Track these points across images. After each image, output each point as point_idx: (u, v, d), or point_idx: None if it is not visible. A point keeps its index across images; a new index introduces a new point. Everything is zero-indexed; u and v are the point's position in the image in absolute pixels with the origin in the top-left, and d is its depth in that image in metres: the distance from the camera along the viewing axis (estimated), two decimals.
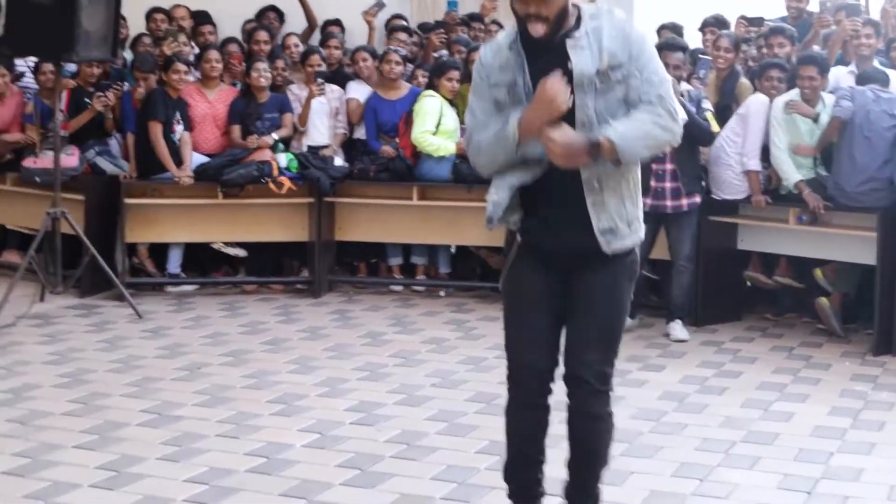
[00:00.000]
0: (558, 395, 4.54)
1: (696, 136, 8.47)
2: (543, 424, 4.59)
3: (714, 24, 10.74)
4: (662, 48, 8.49)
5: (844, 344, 8.79)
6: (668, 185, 8.82)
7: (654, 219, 8.57)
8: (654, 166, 8.65)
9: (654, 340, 8.84)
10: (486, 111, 4.45)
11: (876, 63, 9.53)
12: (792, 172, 8.94)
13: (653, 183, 8.73)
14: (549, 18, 4.24)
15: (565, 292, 4.49)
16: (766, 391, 7.50)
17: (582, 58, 4.26)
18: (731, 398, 7.31)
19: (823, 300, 8.98)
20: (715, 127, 8.79)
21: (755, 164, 9.09)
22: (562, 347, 4.53)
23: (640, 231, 4.51)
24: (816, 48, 9.95)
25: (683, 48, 9.05)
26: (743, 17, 11.10)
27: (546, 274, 4.51)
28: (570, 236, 4.42)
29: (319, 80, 10.32)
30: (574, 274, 4.46)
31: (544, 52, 4.30)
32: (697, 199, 8.94)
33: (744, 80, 9.75)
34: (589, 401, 4.47)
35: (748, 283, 9.72)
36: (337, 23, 11.99)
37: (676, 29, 10.68)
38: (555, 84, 4.19)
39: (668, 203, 8.84)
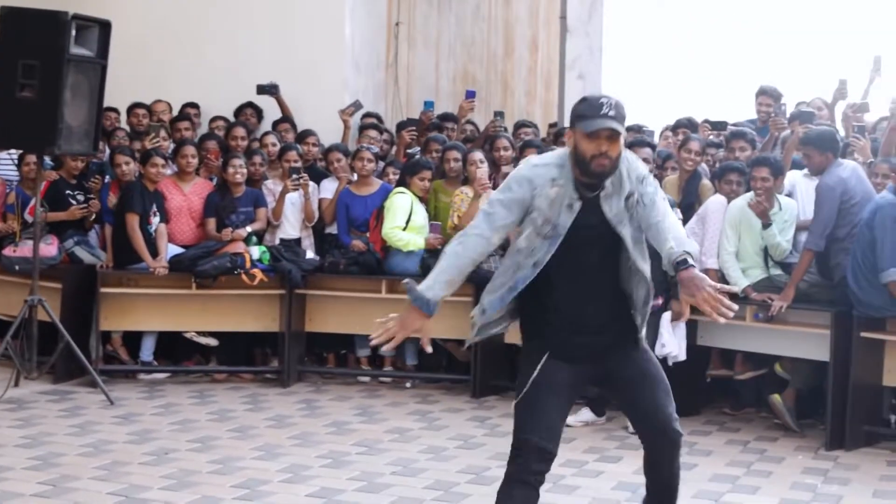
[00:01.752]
0: None
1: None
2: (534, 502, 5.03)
3: (687, 126, 11.10)
4: (632, 145, 8.83)
5: (799, 438, 9.01)
6: None
7: None
8: None
9: (613, 433, 9.04)
10: (497, 229, 5.05)
11: None
12: (739, 278, 9.24)
13: None
14: (613, 158, 4.90)
15: (596, 378, 5.25)
16: (719, 483, 7.70)
17: (611, 205, 4.99)
18: (684, 489, 7.35)
19: (776, 397, 9.20)
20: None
21: (713, 262, 9.37)
22: None
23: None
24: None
25: (651, 146, 9.38)
26: (707, 121, 11.44)
27: (573, 367, 5.10)
28: (605, 331, 5.13)
29: (295, 176, 10.57)
30: (608, 359, 5.16)
31: (589, 210, 4.98)
32: (660, 301, 9.15)
33: (705, 181, 10.07)
34: (679, 447, 5.24)
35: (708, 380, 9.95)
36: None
37: (640, 129, 11.00)
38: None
39: None
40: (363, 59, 12.97)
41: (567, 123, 12.79)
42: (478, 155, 10.47)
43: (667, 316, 9.09)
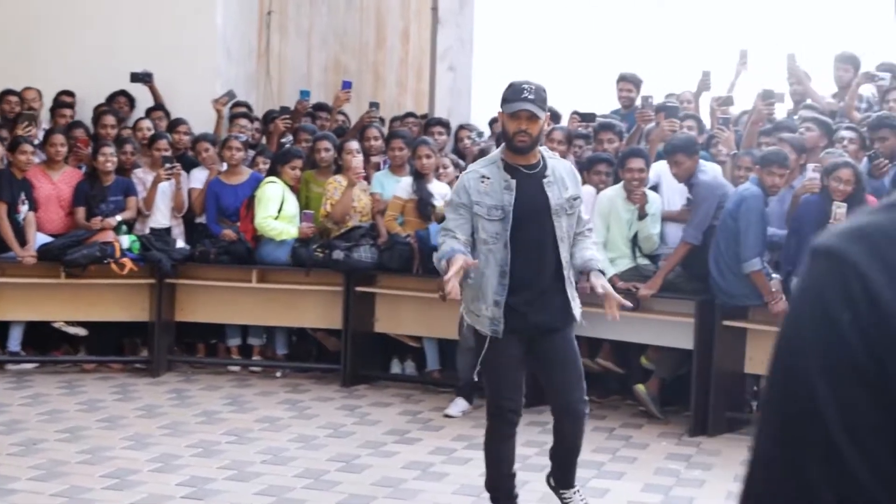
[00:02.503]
0: None
1: None
2: (513, 447, 6.40)
3: (550, 117, 11.21)
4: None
5: (663, 425, 9.21)
6: None
7: None
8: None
9: (481, 421, 9.04)
10: (460, 227, 6.02)
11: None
12: (606, 267, 9.35)
13: None
14: (533, 136, 5.95)
15: (533, 351, 6.19)
16: (584, 469, 7.79)
17: (553, 192, 6.05)
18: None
19: (640, 386, 9.40)
20: None
21: None
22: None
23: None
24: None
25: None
26: (576, 113, 11.58)
27: (520, 343, 6.12)
28: (548, 314, 6.13)
29: (168, 165, 10.51)
30: (543, 338, 6.14)
31: (525, 187, 6.01)
32: None
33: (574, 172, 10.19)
34: (582, 420, 6.27)
35: None
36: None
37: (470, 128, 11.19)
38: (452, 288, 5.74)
39: None
40: (235, 47, 12.93)
41: (437, 114, 13.00)
42: (353, 144, 10.52)
43: None
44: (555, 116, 11.31)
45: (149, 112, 12.04)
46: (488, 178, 6.05)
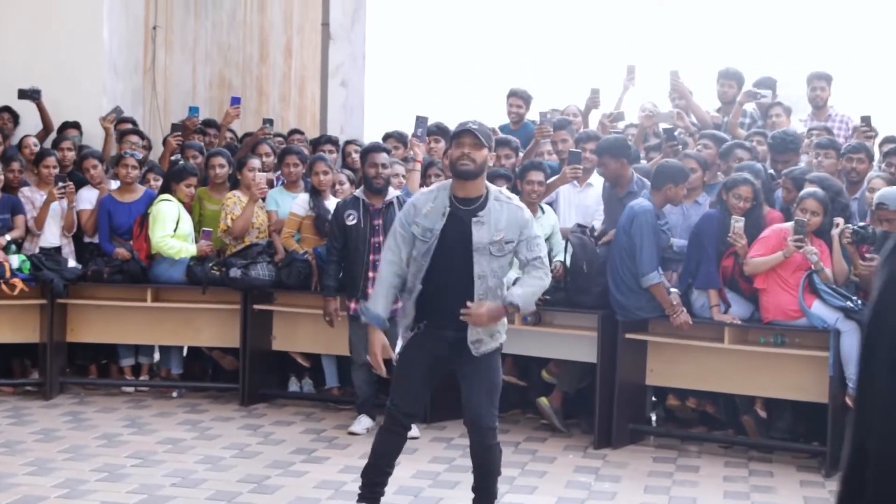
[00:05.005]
0: None
1: None
2: (399, 446, 6.67)
3: (437, 133, 11.22)
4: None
5: (567, 438, 9.26)
6: None
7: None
8: (371, 274, 8.95)
9: None
10: (404, 240, 6.39)
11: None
12: (522, 301, 9.32)
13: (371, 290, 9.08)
14: (476, 162, 6.29)
15: (451, 362, 6.50)
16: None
17: (480, 232, 6.31)
18: (464, 492, 7.59)
19: (543, 400, 9.43)
20: None
21: None
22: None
23: (502, 337, 6.59)
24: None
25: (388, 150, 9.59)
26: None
27: (433, 350, 6.45)
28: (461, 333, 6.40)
29: (61, 184, 10.29)
30: (462, 353, 6.42)
31: (458, 219, 6.33)
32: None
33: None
34: (489, 438, 6.53)
35: None
36: (76, 125, 11.99)
37: (402, 138, 11.14)
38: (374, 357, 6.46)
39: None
40: (121, 63, 12.75)
41: (330, 131, 12.94)
42: (256, 162, 10.42)
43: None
44: (443, 131, 11.35)
45: (62, 129, 11.83)
46: (433, 202, 6.42)
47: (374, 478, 6.69)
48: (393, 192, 9.27)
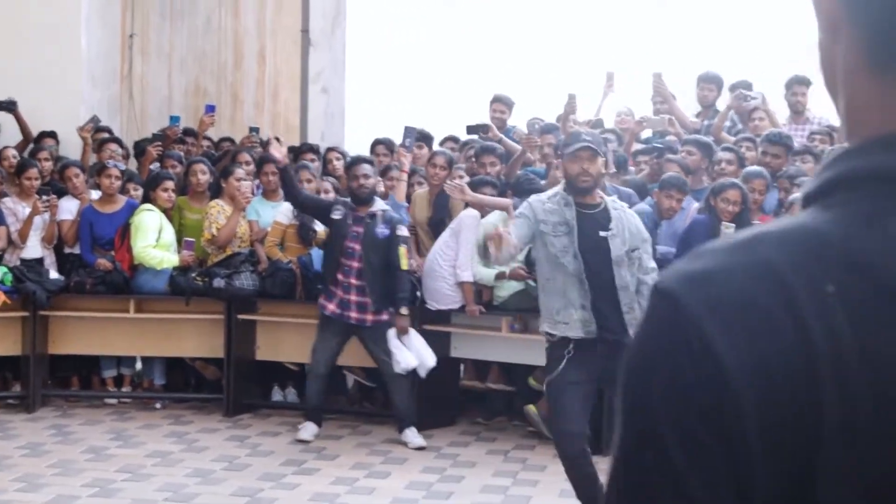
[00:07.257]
0: None
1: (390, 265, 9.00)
2: (587, 473, 6.80)
3: (422, 139, 11.21)
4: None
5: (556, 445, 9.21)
6: (353, 297, 9.10)
7: (342, 327, 9.13)
8: (339, 276, 9.02)
9: (375, 448, 9.07)
10: (521, 237, 6.59)
11: None
12: (488, 272, 9.33)
13: (339, 292, 9.06)
14: (594, 176, 6.55)
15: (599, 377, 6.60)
16: (490, 494, 7.83)
17: (615, 244, 6.58)
18: (459, 501, 7.61)
19: (531, 407, 9.40)
20: (404, 265, 9.08)
21: (468, 275, 9.42)
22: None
23: None
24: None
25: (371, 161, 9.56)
26: (451, 138, 11.60)
27: (586, 366, 6.53)
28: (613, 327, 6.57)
29: (45, 198, 10.19)
30: (608, 361, 6.25)
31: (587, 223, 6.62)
32: (384, 316, 9.14)
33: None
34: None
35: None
36: (52, 135, 11.90)
37: (390, 145, 11.11)
38: None
39: (353, 315, 9.12)
40: (99, 71, 12.67)
41: (311, 138, 12.90)
42: (241, 172, 10.36)
43: (392, 332, 9.08)
44: (426, 138, 11.33)
45: (38, 139, 11.75)
46: (553, 203, 6.65)
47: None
48: (379, 204, 9.22)
